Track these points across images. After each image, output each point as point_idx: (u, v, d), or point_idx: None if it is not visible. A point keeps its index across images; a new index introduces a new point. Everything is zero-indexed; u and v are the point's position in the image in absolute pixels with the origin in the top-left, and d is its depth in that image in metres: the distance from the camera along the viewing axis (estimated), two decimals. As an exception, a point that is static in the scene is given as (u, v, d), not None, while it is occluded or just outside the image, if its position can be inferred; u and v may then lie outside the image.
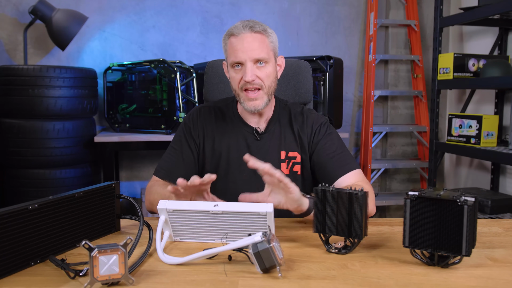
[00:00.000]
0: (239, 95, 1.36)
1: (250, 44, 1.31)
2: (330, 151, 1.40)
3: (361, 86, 3.61)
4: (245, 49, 1.31)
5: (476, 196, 0.95)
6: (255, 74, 1.31)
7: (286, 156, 1.42)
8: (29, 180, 2.76)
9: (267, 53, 1.33)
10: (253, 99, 1.34)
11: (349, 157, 1.40)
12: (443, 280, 0.90)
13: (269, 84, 1.35)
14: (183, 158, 1.43)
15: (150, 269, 0.95)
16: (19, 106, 2.69)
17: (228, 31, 1.36)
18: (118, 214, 1.19)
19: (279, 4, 3.46)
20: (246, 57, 1.31)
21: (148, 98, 2.94)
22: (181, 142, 1.45)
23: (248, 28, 1.32)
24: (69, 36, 2.93)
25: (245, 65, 1.31)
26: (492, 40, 2.94)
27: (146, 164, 3.39)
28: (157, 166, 1.44)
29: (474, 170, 3.17)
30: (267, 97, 1.35)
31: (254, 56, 1.31)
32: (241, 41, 1.31)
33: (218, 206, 1.04)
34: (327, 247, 1.05)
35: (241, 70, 1.33)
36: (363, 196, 1.00)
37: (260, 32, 1.33)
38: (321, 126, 1.44)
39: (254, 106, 1.35)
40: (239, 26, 1.33)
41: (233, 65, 1.34)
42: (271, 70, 1.35)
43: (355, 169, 1.37)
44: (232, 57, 1.33)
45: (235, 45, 1.32)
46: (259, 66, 1.32)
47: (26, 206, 0.94)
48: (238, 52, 1.31)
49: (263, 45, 1.32)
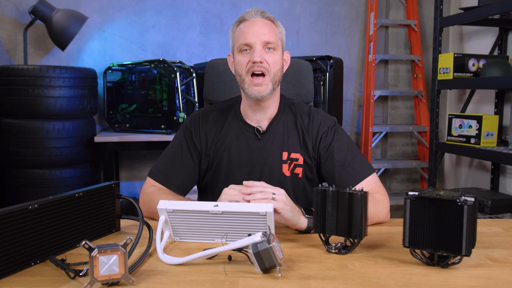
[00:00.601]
0: (244, 80, 1.33)
1: (260, 28, 1.31)
2: (339, 158, 1.35)
3: (361, 86, 3.61)
4: (255, 32, 1.31)
5: (476, 196, 0.95)
6: (263, 57, 1.30)
7: (288, 157, 1.38)
8: (29, 180, 2.76)
9: (276, 39, 1.34)
10: (258, 85, 1.31)
11: (361, 162, 1.35)
12: (443, 280, 0.90)
13: (275, 72, 1.32)
14: (183, 163, 1.40)
15: (150, 269, 0.95)
16: (19, 106, 2.69)
17: (239, 19, 1.36)
18: (118, 214, 1.19)
19: (279, 4, 3.46)
20: (256, 39, 1.30)
21: (148, 98, 2.94)
22: (181, 147, 1.42)
23: (260, 14, 1.33)
24: (69, 36, 2.93)
25: (254, 47, 1.30)
26: (492, 40, 2.94)
27: (146, 164, 3.39)
28: (154, 169, 1.41)
29: (474, 170, 3.17)
30: (271, 85, 1.32)
31: (264, 39, 1.30)
32: (252, 25, 1.32)
33: (218, 206, 1.04)
34: (327, 247, 1.05)
35: (249, 54, 1.31)
36: (363, 196, 1.00)
37: (270, 19, 1.35)
38: (329, 130, 1.39)
39: (258, 92, 1.31)
40: (250, 11, 1.34)
41: (241, 50, 1.32)
42: (278, 58, 1.34)
43: (368, 175, 1.33)
44: (242, 39, 1.32)
45: (244, 29, 1.32)
46: (267, 51, 1.32)
47: (26, 206, 0.94)
48: (248, 34, 1.31)
49: (273, 31, 1.33)
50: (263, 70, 1.30)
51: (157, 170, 1.41)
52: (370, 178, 1.33)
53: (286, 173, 1.38)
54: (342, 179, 1.33)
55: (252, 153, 1.39)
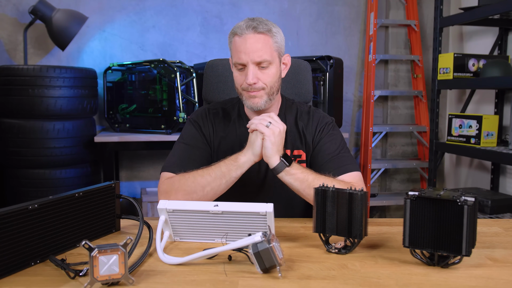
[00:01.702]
0: (241, 93, 1.37)
1: (252, 45, 1.30)
2: (330, 151, 1.39)
3: (361, 86, 3.61)
4: (247, 51, 1.30)
5: (476, 196, 0.95)
6: (256, 77, 1.31)
7: (291, 155, 1.41)
8: (29, 180, 2.76)
9: (270, 54, 1.32)
10: (253, 97, 1.34)
11: (349, 159, 1.38)
12: (443, 280, 0.90)
13: (271, 85, 1.35)
14: (198, 151, 1.39)
15: (150, 269, 0.95)
16: (19, 106, 2.69)
17: (233, 30, 1.35)
18: (118, 214, 1.19)
19: (279, 4, 3.46)
20: (248, 59, 1.30)
21: (148, 98, 2.94)
22: (193, 137, 1.41)
23: (252, 29, 1.30)
24: (69, 36, 2.93)
25: (247, 67, 1.31)
26: (492, 40, 2.94)
27: (146, 164, 3.39)
28: (167, 163, 1.37)
29: (474, 170, 3.17)
30: (267, 97, 1.35)
31: (256, 59, 1.30)
32: (244, 42, 1.30)
33: (218, 206, 1.04)
34: (327, 247, 1.05)
35: (243, 72, 1.33)
36: (363, 196, 1.00)
37: (263, 32, 1.31)
38: (326, 126, 1.44)
39: (254, 104, 1.35)
40: (242, 26, 1.32)
41: (236, 65, 1.35)
42: (274, 71, 1.35)
43: (353, 171, 1.35)
44: (235, 58, 1.33)
45: (238, 46, 1.32)
46: (261, 69, 1.32)
47: (26, 206, 0.94)
48: (240, 53, 1.31)
49: (266, 46, 1.31)
50: (257, 89, 1.33)
51: (171, 163, 1.37)
52: (355, 174, 1.35)
53: None
54: (328, 167, 1.35)
55: None
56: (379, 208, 3.67)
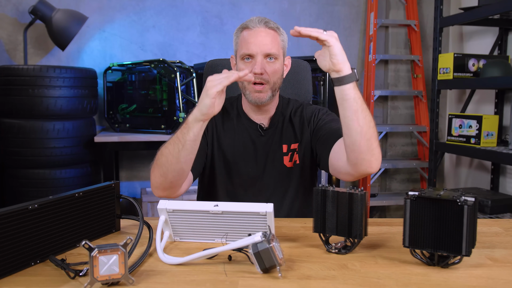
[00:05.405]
0: (246, 86, 1.38)
1: (263, 38, 1.34)
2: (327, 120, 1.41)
3: (361, 86, 3.60)
4: (258, 43, 1.33)
5: (476, 196, 0.95)
6: (263, 68, 1.34)
7: (289, 149, 1.44)
8: (29, 180, 2.76)
9: (278, 49, 1.36)
10: (258, 91, 1.36)
11: None
12: (443, 280, 0.90)
13: (275, 80, 1.37)
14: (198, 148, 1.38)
15: (150, 269, 0.95)
16: (19, 106, 2.69)
17: (242, 25, 1.38)
18: (118, 214, 1.19)
19: (279, 4, 3.46)
20: (258, 50, 1.33)
21: (148, 98, 2.94)
22: None
23: (263, 23, 1.35)
24: (69, 36, 2.93)
25: (255, 58, 1.34)
26: (492, 40, 2.94)
27: (146, 164, 3.39)
28: None
29: (474, 170, 3.17)
30: (271, 92, 1.38)
31: (266, 50, 1.33)
32: (255, 35, 1.34)
33: (218, 206, 1.04)
34: (327, 247, 1.05)
35: (250, 63, 1.35)
36: (363, 196, 1.00)
37: (273, 28, 1.37)
38: (320, 110, 1.46)
39: (258, 98, 1.37)
40: (254, 20, 1.36)
41: (243, 58, 1.36)
42: (279, 67, 1.38)
43: None
44: (244, 49, 1.35)
45: (247, 38, 1.35)
46: (268, 61, 1.35)
47: (26, 206, 0.94)
48: (250, 44, 1.34)
49: (275, 41, 1.36)
50: (263, 81, 1.35)
51: None
52: None
53: (288, 164, 1.44)
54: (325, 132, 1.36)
55: (256, 148, 1.45)
56: (379, 208, 3.67)
